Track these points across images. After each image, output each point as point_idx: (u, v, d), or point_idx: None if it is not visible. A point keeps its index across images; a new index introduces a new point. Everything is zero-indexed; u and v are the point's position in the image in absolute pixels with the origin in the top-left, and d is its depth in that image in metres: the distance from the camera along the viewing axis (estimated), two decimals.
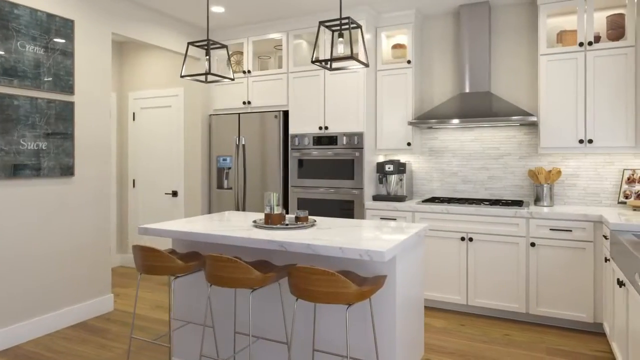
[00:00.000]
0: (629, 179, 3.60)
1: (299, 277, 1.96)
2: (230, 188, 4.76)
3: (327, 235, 2.37)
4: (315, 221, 2.73)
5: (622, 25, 3.51)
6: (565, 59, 3.60)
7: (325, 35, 4.30)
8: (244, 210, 4.66)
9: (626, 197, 3.59)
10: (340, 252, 2.07)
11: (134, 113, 5.36)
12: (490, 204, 3.72)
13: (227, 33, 4.77)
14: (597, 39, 3.62)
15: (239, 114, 4.69)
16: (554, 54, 3.64)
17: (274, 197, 2.66)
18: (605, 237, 3.10)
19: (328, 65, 2.32)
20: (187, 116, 4.93)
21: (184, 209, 4.98)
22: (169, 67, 5.10)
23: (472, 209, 3.65)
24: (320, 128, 4.29)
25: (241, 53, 4.91)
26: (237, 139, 4.69)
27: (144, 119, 5.30)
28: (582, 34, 3.53)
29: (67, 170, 3.45)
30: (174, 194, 5.04)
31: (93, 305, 3.71)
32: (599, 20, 3.73)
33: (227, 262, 2.12)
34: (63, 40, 3.39)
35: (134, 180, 5.36)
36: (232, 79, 2.81)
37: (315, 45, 2.35)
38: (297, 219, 2.73)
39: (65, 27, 3.41)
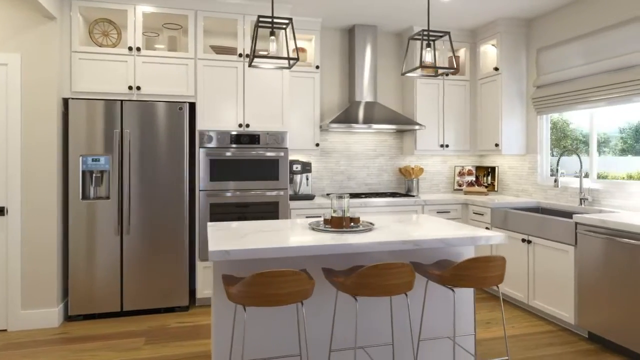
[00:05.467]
0: (460, 172, 5.13)
1: (477, 268, 2.13)
2: (107, 197, 3.62)
3: (404, 231, 2.53)
4: (372, 224, 2.74)
5: (458, 64, 4.96)
6: (429, 83, 4.76)
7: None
8: (129, 225, 3.65)
9: (459, 185, 5.10)
10: (472, 241, 2.35)
11: None
12: (390, 196, 4.48)
13: None
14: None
15: (121, 100, 3.63)
16: (422, 77, 4.73)
17: (346, 200, 2.53)
18: (476, 213, 4.40)
19: (417, 73, 2.41)
20: (28, 98, 3.39)
21: (19, 232, 3.39)
22: None
23: (384, 200, 4.30)
24: (240, 125, 3.92)
25: (110, 22, 3.77)
26: (120, 133, 3.62)
27: None
28: (439, 66, 4.76)
29: None
30: (0, 211, 3.36)
31: None
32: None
33: (401, 267, 2.01)
34: None
35: None
36: (289, 67, 2.36)
37: (406, 56, 2.44)
38: (351, 220, 2.67)
39: None
